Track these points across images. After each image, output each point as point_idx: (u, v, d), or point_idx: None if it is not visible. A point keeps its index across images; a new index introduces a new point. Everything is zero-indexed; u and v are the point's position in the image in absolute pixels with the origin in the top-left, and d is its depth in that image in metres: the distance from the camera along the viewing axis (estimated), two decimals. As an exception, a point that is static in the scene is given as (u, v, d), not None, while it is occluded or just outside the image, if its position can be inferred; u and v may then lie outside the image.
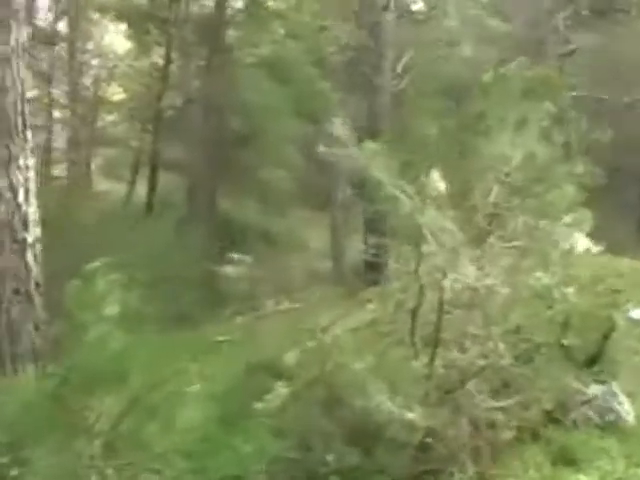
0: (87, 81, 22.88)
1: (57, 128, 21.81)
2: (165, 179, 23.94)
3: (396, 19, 15.12)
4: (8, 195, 6.10)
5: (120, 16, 19.73)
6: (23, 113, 6.12)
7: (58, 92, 20.49)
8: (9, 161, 6.00)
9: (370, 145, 4.61)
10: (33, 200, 6.18)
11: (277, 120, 18.44)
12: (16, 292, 5.94)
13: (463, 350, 4.52)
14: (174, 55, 19.84)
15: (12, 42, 6.06)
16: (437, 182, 4.17)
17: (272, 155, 19.04)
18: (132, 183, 26.61)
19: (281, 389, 4.78)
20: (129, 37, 21.08)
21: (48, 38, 19.72)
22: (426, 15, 17.98)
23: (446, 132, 4.94)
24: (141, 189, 24.99)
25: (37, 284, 6.05)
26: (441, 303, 4.35)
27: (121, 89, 24.94)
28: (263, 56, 19.09)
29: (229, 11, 19.57)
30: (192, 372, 10.10)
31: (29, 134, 6.19)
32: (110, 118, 26.59)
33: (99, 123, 26.03)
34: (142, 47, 21.32)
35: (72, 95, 18.77)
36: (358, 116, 15.27)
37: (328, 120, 17.78)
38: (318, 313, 10.62)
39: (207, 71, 19.73)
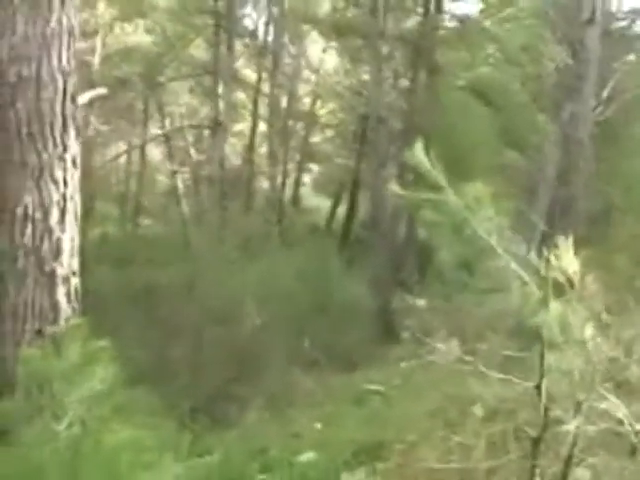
0: (295, 95, 22.58)
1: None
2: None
3: (604, 36, 12.92)
4: (37, 215, 4.72)
5: (329, 30, 19.17)
6: (64, 114, 4.78)
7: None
8: (40, 172, 4.68)
9: (471, 189, 3.13)
10: (72, 224, 4.82)
11: (484, 148, 17.14)
12: (39, 334, 4.72)
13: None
14: (379, 73, 18.89)
15: (53, 23, 4.64)
16: (569, 259, 2.65)
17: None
18: (336, 201, 26.30)
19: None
20: (338, 52, 20.48)
21: (258, 49, 19.59)
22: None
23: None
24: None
25: (69, 327, 4.77)
26: (570, 455, 2.78)
27: (329, 105, 24.53)
28: (474, 79, 17.81)
29: (441, 31, 18.45)
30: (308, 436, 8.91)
31: (71, 141, 4.82)
32: (319, 134, 26.44)
33: (311, 139, 25.98)
34: (350, 63, 20.68)
35: (273, 107, 18.35)
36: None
37: (539, 153, 16.10)
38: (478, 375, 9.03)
39: (411, 91, 18.66)
